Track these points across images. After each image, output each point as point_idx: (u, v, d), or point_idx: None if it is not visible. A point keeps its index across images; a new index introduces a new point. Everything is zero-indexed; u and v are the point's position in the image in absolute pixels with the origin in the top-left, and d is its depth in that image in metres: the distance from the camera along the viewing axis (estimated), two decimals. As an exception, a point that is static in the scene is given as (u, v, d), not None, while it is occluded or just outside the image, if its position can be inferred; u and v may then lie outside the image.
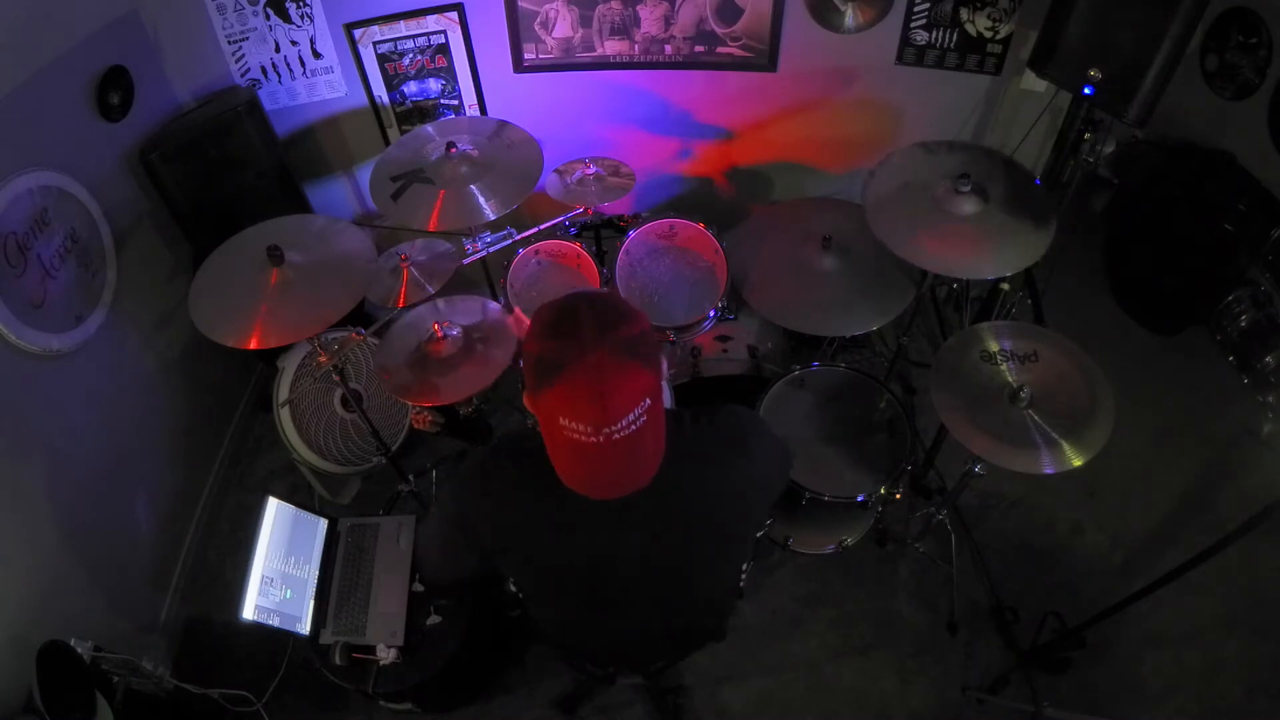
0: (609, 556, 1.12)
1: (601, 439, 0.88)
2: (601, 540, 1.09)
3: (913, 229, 1.93)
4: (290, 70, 2.69)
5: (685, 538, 1.12)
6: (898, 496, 2.10)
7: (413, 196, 2.00)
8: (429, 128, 2.18)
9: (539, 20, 2.66)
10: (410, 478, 2.42)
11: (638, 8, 2.63)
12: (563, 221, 2.26)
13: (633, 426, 0.89)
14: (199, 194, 2.43)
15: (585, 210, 2.24)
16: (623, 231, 2.36)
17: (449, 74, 2.79)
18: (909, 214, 1.96)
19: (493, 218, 1.98)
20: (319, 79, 2.74)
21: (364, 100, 2.82)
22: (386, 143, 2.94)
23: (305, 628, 1.88)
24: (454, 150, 2.04)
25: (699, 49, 2.73)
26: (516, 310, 1.76)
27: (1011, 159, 2.07)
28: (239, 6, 2.51)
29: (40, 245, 1.94)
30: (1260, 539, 1.51)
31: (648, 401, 0.90)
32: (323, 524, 2.05)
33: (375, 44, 2.67)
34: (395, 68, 2.74)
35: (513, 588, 1.32)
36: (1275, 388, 2.44)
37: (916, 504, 2.49)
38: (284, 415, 2.39)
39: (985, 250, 1.92)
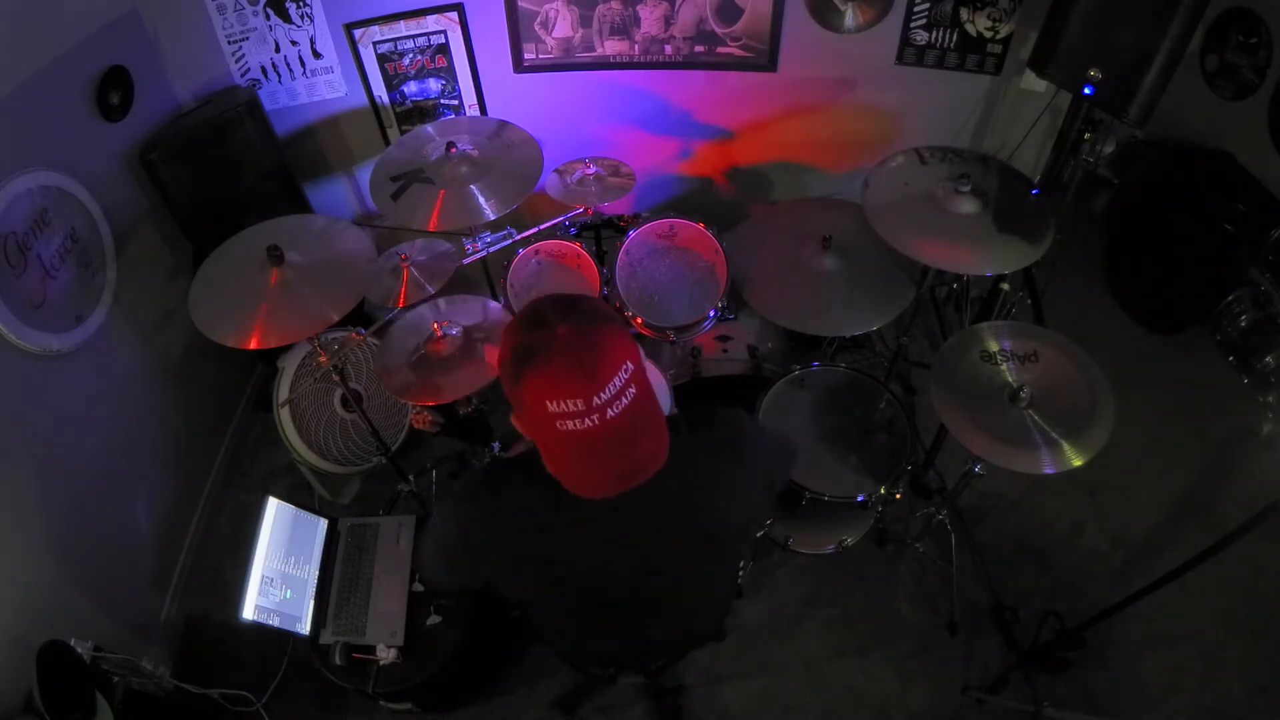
0: (610, 562, 1.12)
1: (595, 418, 0.88)
2: (602, 547, 1.09)
3: (913, 228, 1.93)
4: (290, 70, 2.69)
5: (686, 542, 1.12)
6: (898, 496, 2.10)
7: (413, 196, 2.00)
8: (429, 128, 2.18)
9: (539, 20, 2.66)
10: (410, 478, 2.42)
11: (638, 8, 2.63)
12: (563, 221, 2.26)
13: (623, 399, 0.89)
14: (199, 194, 2.43)
15: (585, 210, 2.23)
16: (623, 231, 2.35)
17: (449, 74, 2.79)
18: (909, 214, 1.96)
19: (493, 218, 1.97)
20: (319, 79, 2.74)
21: (364, 100, 2.82)
22: (386, 143, 2.94)
23: (305, 628, 1.89)
24: (454, 150, 2.04)
25: (699, 49, 2.73)
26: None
27: (1007, 164, 2.08)
28: (239, 6, 2.51)
29: (40, 245, 1.94)
30: (1260, 539, 1.52)
31: (630, 365, 0.90)
32: (323, 524, 2.06)
33: (375, 44, 2.67)
34: (395, 68, 2.74)
35: (513, 592, 1.32)
36: (1275, 388, 2.44)
37: (916, 504, 2.49)
38: (284, 415, 2.39)
39: (986, 248, 1.92)
